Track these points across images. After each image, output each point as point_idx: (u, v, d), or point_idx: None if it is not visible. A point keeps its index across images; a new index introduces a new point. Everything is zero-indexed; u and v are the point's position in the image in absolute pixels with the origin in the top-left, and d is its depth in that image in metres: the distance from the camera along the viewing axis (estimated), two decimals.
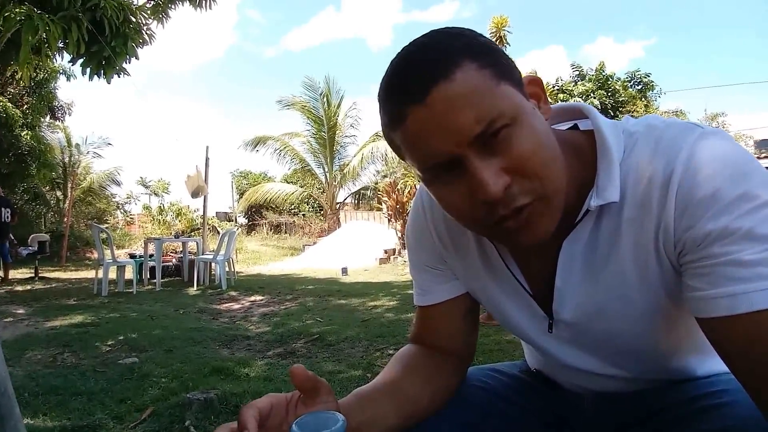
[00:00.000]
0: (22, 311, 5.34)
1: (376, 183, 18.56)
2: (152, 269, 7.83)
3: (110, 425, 2.13)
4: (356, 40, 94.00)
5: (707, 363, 0.70)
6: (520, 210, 0.54)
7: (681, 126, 0.59)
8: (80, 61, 4.79)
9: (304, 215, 22.46)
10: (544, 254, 0.66)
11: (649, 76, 19.83)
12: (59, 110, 16.20)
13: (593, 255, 0.63)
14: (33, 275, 9.15)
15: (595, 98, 18.18)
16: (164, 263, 8.63)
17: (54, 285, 8.14)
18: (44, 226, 15.75)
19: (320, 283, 7.87)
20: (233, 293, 6.74)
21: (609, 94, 18.56)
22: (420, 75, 0.52)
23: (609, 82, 18.83)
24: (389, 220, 12.23)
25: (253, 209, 21.76)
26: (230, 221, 19.52)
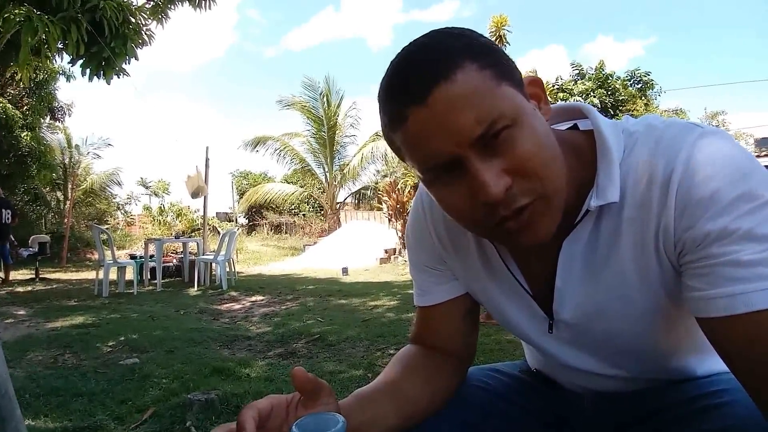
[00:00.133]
0: (23, 312, 5.34)
1: (377, 183, 18.56)
2: (153, 270, 7.83)
3: (111, 426, 2.13)
4: (356, 40, 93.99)
5: (707, 363, 0.70)
6: (521, 210, 0.54)
7: (681, 126, 0.59)
8: (80, 62, 4.80)
9: (305, 215, 22.46)
10: (544, 255, 0.66)
11: (649, 75, 19.83)
12: (59, 111, 16.20)
13: (593, 255, 0.63)
14: (34, 276, 9.15)
15: (595, 97, 18.17)
16: (165, 264, 8.63)
17: (55, 286, 8.14)
18: (45, 227, 15.74)
19: (321, 283, 7.87)
20: (234, 293, 6.74)
21: (609, 93, 18.54)
22: (420, 75, 0.52)
23: (609, 81, 18.81)
24: (389, 220, 12.23)
25: (254, 209, 21.76)
26: (230, 221, 19.51)
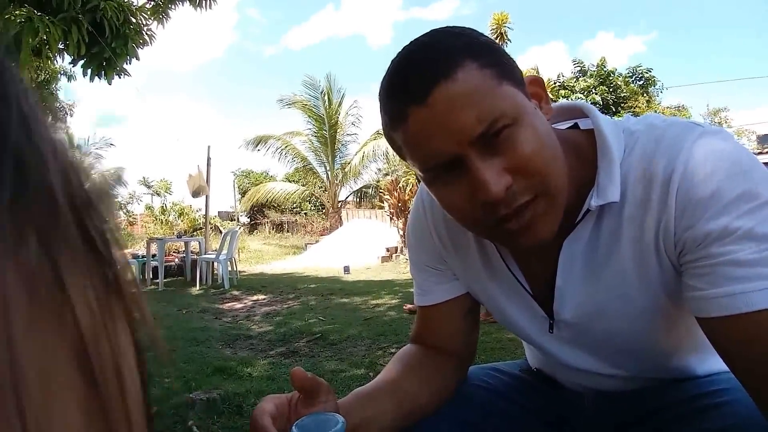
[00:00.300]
0: None
1: (378, 181, 18.54)
2: (155, 269, 7.84)
3: None
4: (356, 38, 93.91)
5: (707, 362, 0.70)
6: (522, 209, 0.54)
7: (682, 125, 0.58)
8: (81, 63, 4.80)
9: (306, 214, 22.48)
10: (545, 254, 0.66)
11: (651, 72, 19.80)
12: (61, 111, 16.25)
13: (594, 255, 0.63)
14: None
15: (597, 94, 18.13)
16: (167, 263, 8.64)
17: None
18: None
19: (322, 282, 7.87)
20: (236, 292, 6.75)
21: (610, 90, 18.51)
22: (421, 75, 0.52)
23: (610, 78, 18.77)
24: (391, 218, 12.23)
25: (255, 208, 21.79)
26: (232, 220, 19.54)
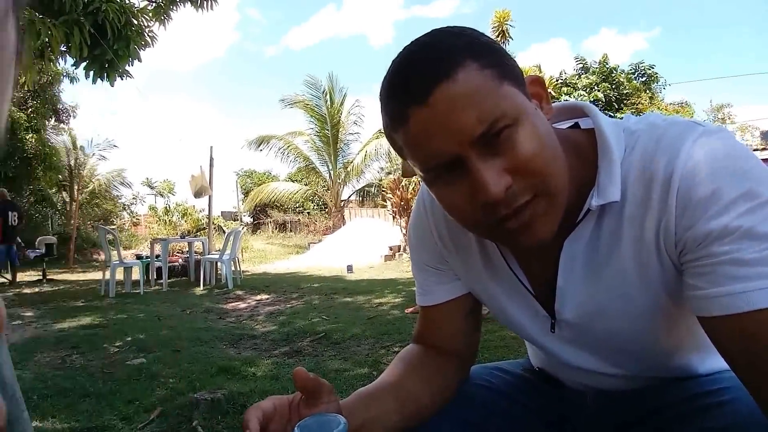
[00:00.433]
0: (31, 314, 5.38)
1: (381, 180, 18.54)
2: (159, 270, 7.87)
3: (119, 426, 2.14)
4: (357, 37, 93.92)
5: (708, 361, 0.70)
6: (522, 209, 0.54)
7: (682, 125, 0.58)
8: (83, 65, 4.81)
9: (309, 213, 22.50)
10: (546, 254, 0.66)
11: (653, 68, 19.72)
12: (63, 113, 16.29)
13: (595, 254, 0.63)
14: (41, 277, 9.20)
15: (600, 91, 18.07)
16: (170, 263, 8.66)
17: (62, 287, 8.19)
18: (51, 229, 15.84)
19: (326, 281, 7.88)
20: (239, 292, 6.77)
21: (613, 87, 18.44)
22: (422, 75, 0.52)
23: (613, 75, 18.70)
24: (394, 217, 12.22)
25: (258, 208, 21.82)
26: (235, 220, 19.58)
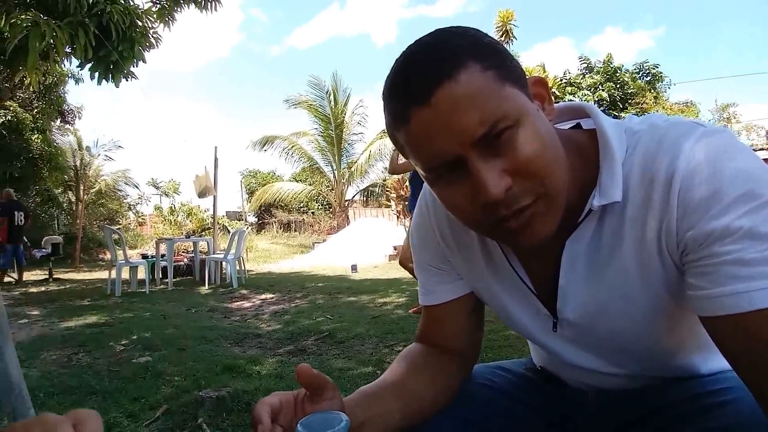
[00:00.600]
0: (37, 312, 5.41)
1: (385, 180, 18.55)
2: (164, 269, 7.90)
3: (125, 424, 2.16)
4: (361, 37, 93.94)
5: (711, 361, 0.70)
6: (522, 211, 0.55)
7: (684, 125, 0.58)
8: (88, 66, 4.83)
9: (313, 213, 22.55)
10: (548, 254, 0.66)
11: (658, 68, 19.64)
12: (69, 114, 16.38)
13: (596, 254, 0.63)
14: (47, 277, 9.27)
15: (604, 90, 18.01)
16: (176, 263, 8.70)
17: (68, 286, 8.24)
18: (57, 228, 15.94)
19: (330, 281, 7.89)
20: (244, 292, 6.79)
21: (618, 87, 18.37)
22: (424, 76, 0.52)
23: (617, 74, 18.64)
24: (398, 217, 12.24)
25: (263, 208, 21.88)
26: (240, 220, 19.63)
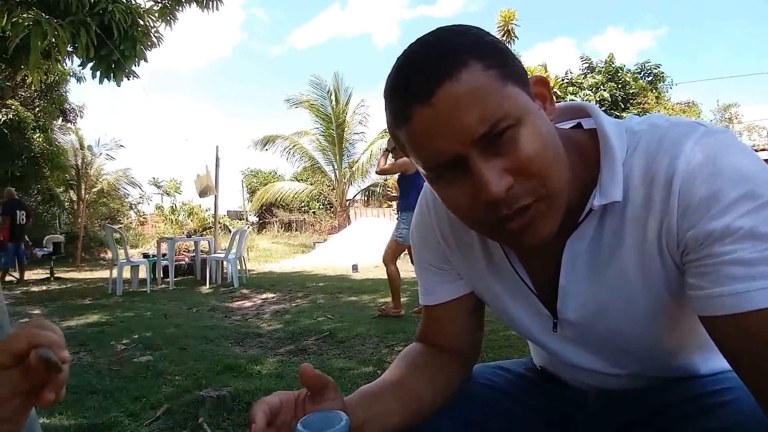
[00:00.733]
0: (38, 312, 5.42)
1: (386, 180, 18.54)
2: (165, 268, 7.91)
3: (125, 423, 2.16)
4: (362, 37, 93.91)
5: (711, 361, 0.70)
6: (522, 210, 0.55)
7: (684, 125, 0.58)
8: (90, 65, 4.84)
9: (314, 213, 22.55)
10: (548, 253, 0.66)
11: (660, 68, 19.61)
12: (71, 113, 16.40)
13: (597, 254, 0.63)
14: (48, 276, 9.28)
15: (605, 90, 18.00)
16: (177, 262, 8.71)
17: (69, 285, 8.26)
18: (59, 227, 15.97)
19: (331, 280, 7.89)
20: (245, 291, 6.79)
21: (619, 87, 18.36)
22: (425, 75, 0.52)
23: (619, 74, 18.62)
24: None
25: (264, 207, 21.89)
26: (241, 220, 19.65)
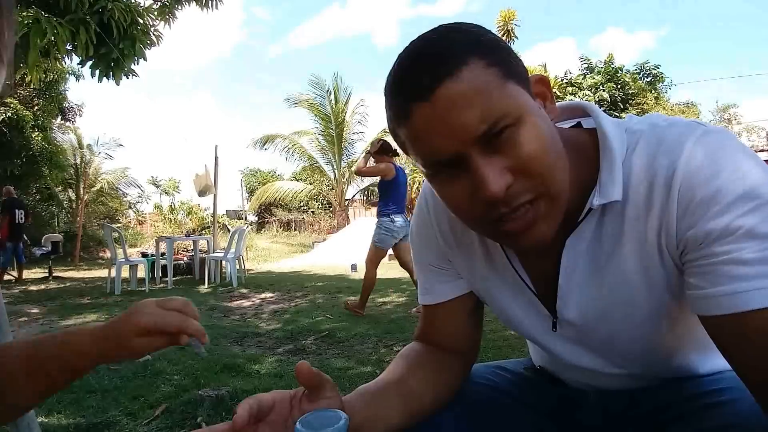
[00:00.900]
0: (37, 311, 5.41)
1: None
2: (164, 268, 7.90)
3: (124, 422, 2.16)
4: (362, 36, 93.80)
5: (710, 360, 0.70)
6: (521, 208, 0.54)
7: (684, 125, 0.58)
8: (89, 63, 4.83)
9: (314, 212, 22.55)
10: (548, 253, 0.66)
11: (659, 68, 19.65)
12: (70, 112, 16.38)
13: (596, 254, 0.63)
14: (47, 275, 9.27)
15: (605, 91, 18.01)
16: (176, 262, 8.70)
17: (68, 284, 8.24)
18: (57, 227, 15.95)
19: (330, 280, 7.89)
20: (244, 291, 6.78)
21: (618, 87, 18.37)
22: (426, 72, 0.52)
23: (618, 75, 18.63)
24: None
25: (263, 207, 21.89)
26: (240, 219, 19.63)
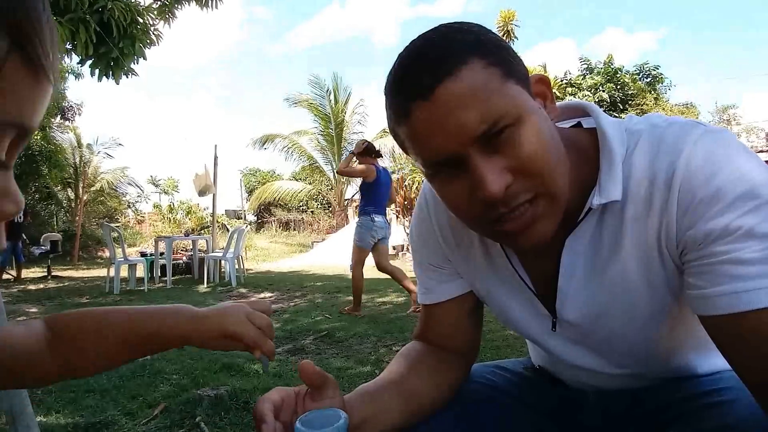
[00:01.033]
0: (35, 310, 5.41)
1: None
2: (163, 267, 7.89)
3: (122, 422, 2.15)
4: (363, 36, 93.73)
5: (710, 360, 0.70)
6: (521, 208, 0.54)
7: (683, 125, 0.58)
8: (89, 63, 4.82)
9: (313, 212, 22.54)
10: (548, 252, 0.66)
11: (658, 69, 19.67)
12: (69, 111, 16.37)
13: (596, 254, 0.63)
14: (46, 274, 9.27)
15: (604, 92, 18.02)
16: (175, 261, 8.70)
17: (66, 283, 8.23)
18: (56, 226, 15.94)
19: (329, 280, 7.88)
20: (243, 290, 6.78)
21: (618, 88, 18.39)
22: (426, 72, 0.52)
23: (618, 76, 18.65)
24: (397, 216, 12.23)
25: (262, 207, 21.88)
26: (239, 219, 19.62)
